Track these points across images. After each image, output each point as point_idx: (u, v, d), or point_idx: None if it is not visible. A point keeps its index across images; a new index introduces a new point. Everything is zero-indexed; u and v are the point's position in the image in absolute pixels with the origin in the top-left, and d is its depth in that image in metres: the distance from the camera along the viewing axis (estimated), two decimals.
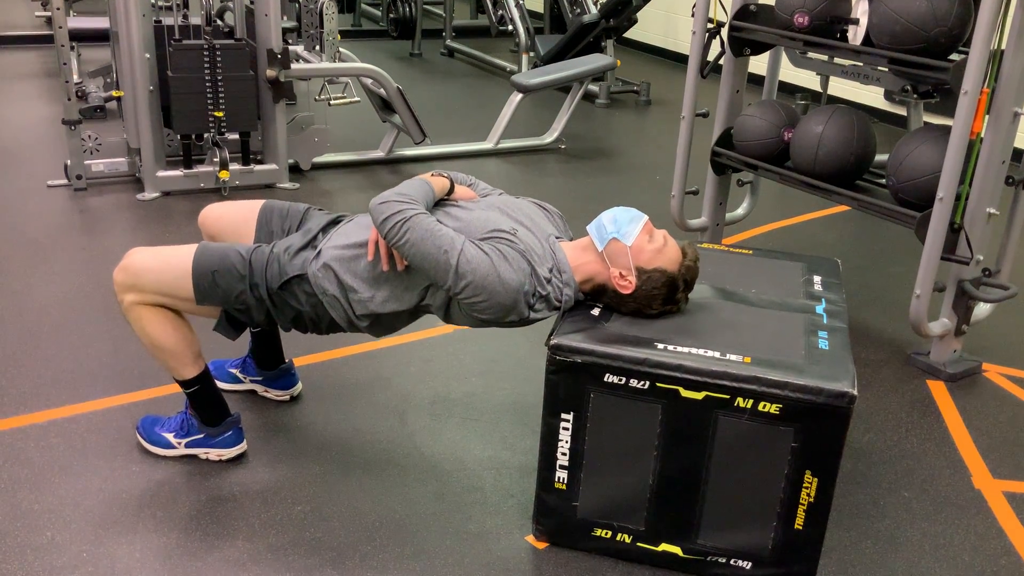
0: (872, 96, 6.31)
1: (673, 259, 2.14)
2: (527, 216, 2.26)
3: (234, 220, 2.51)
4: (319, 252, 2.25)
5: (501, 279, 2.03)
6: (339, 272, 2.21)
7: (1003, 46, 2.72)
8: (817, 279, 2.44)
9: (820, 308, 2.26)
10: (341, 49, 4.90)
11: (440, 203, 2.26)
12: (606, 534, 2.15)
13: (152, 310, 2.24)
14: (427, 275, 2.09)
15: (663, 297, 2.14)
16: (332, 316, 2.25)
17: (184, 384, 2.36)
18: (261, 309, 2.25)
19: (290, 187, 4.65)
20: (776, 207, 4.66)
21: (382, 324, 2.29)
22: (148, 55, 4.25)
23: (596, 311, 2.19)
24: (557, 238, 2.26)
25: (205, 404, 2.40)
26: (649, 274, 2.12)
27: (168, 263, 2.24)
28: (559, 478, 2.13)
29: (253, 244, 2.33)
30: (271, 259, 2.24)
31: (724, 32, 3.51)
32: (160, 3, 4.57)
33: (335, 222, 2.38)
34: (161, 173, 4.42)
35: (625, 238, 2.13)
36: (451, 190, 2.29)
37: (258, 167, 4.62)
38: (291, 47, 4.87)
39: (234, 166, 4.49)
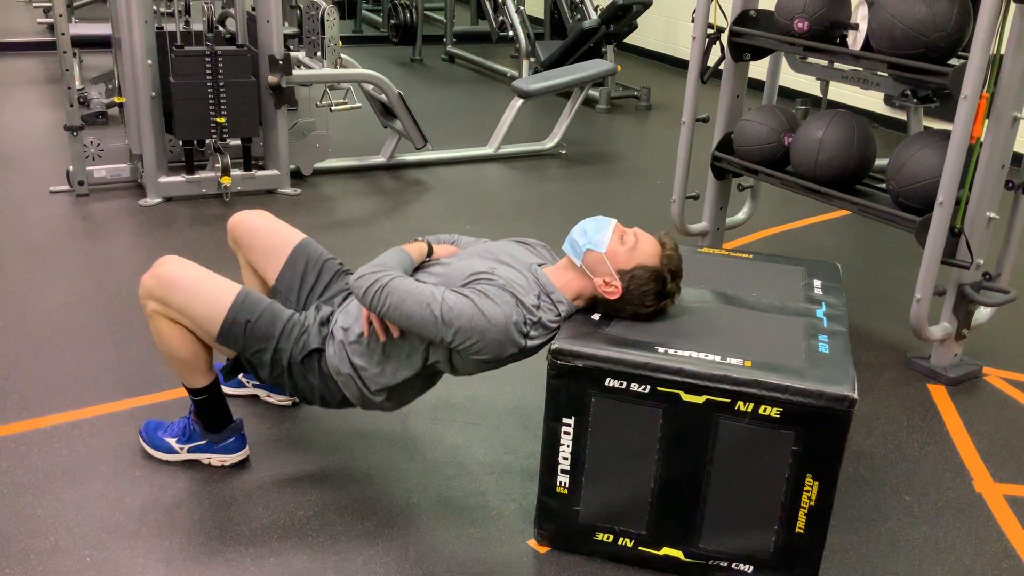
0: (872, 101, 6.32)
1: (651, 253, 2.16)
2: (506, 254, 2.29)
3: (267, 244, 2.52)
4: (332, 332, 2.29)
5: (487, 317, 2.05)
6: (349, 354, 2.24)
7: (1002, 51, 2.73)
8: (817, 283, 2.45)
9: (820, 312, 2.27)
10: (342, 55, 4.91)
11: (421, 265, 2.31)
12: (608, 538, 2.15)
13: (173, 324, 2.25)
14: (419, 335, 2.12)
15: (654, 292, 2.15)
16: (345, 394, 2.29)
17: (193, 392, 2.37)
18: (273, 372, 2.28)
19: (292, 192, 4.66)
20: (776, 211, 4.67)
21: (398, 396, 2.32)
22: (150, 61, 4.26)
23: (596, 316, 2.20)
24: (540, 265, 2.28)
25: (211, 412, 2.41)
26: (632, 273, 2.14)
27: (203, 293, 2.23)
28: (561, 482, 2.13)
29: (282, 299, 2.38)
30: (303, 331, 2.28)
31: (724, 37, 3.52)
32: (162, 9, 4.59)
33: (347, 298, 2.41)
34: (163, 179, 4.43)
35: (598, 246, 2.16)
36: (430, 252, 2.34)
37: (260, 173, 4.63)
38: (293, 53, 4.88)
39: (236, 172, 4.50)
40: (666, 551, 2.12)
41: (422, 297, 2.06)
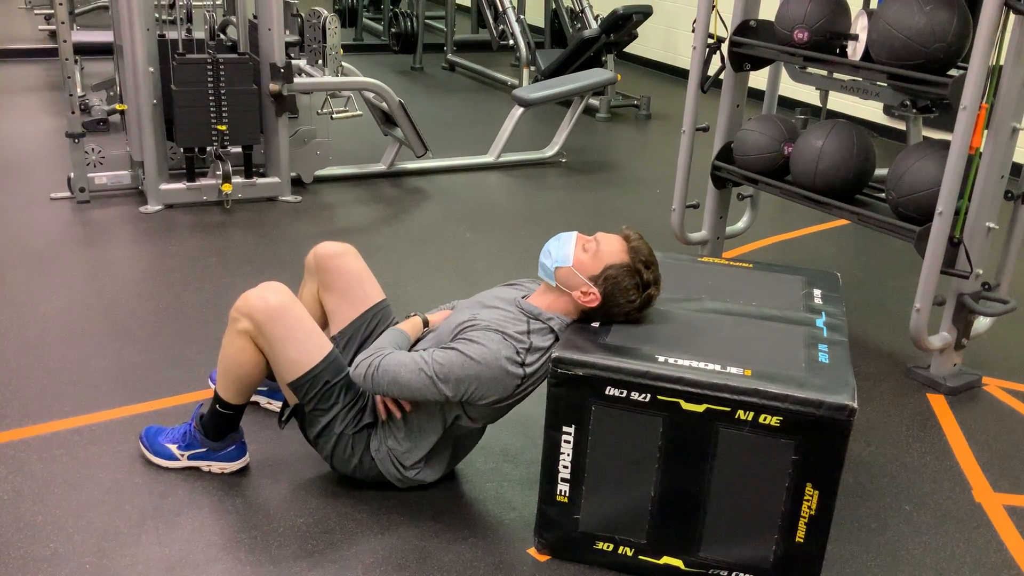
0: (871, 111, 6.34)
1: (615, 251, 2.19)
2: (492, 297, 2.33)
3: (347, 289, 2.52)
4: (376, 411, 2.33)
5: (475, 360, 2.09)
6: (384, 435, 2.31)
7: (1002, 62, 2.74)
8: (817, 292, 2.46)
9: (820, 321, 2.28)
10: (343, 63, 4.93)
11: (420, 339, 2.36)
12: (608, 547, 2.15)
13: (254, 347, 2.27)
14: (423, 399, 2.17)
15: (633, 286, 2.17)
16: (381, 471, 2.33)
17: (224, 405, 2.38)
18: (321, 434, 2.30)
19: (292, 200, 4.67)
20: (776, 221, 4.68)
21: (435, 463, 2.36)
22: (152, 69, 4.27)
23: (596, 324, 2.20)
24: (524, 297, 2.31)
25: (222, 425, 2.41)
26: (604, 275, 2.16)
27: (300, 338, 2.25)
28: (561, 491, 2.13)
29: (337, 346, 2.39)
30: (364, 405, 2.31)
31: (724, 47, 3.53)
32: (164, 17, 4.60)
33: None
34: (164, 186, 4.44)
35: (564, 261, 2.20)
36: (426, 323, 2.39)
37: (261, 180, 4.64)
38: (294, 61, 4.89)
39: (237, 179, 4.51)
40: (666, 560, 2.12)
41: (413, 364, 2.12)
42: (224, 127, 4.34)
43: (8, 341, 3.12)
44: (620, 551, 2.15)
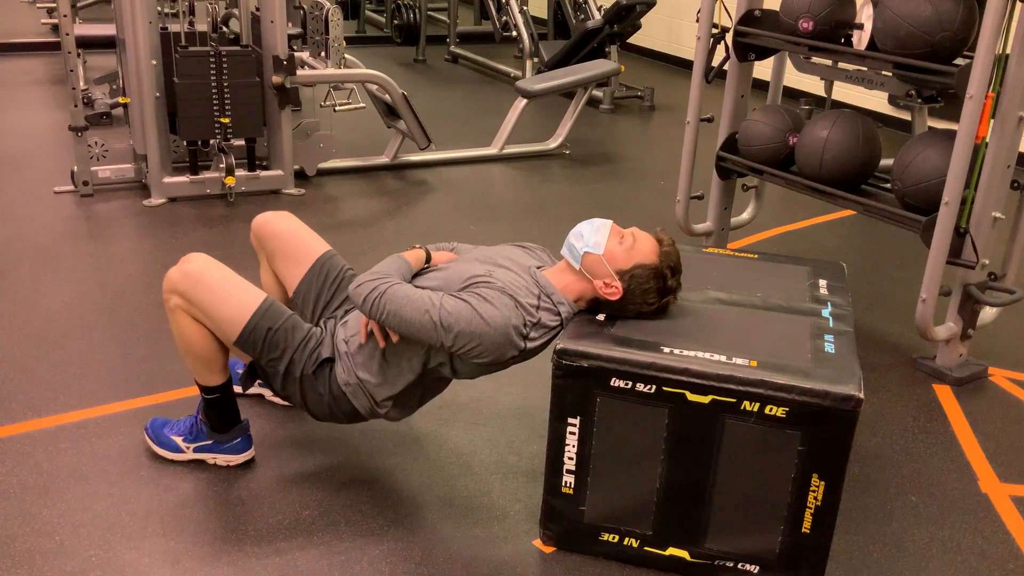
0: (876, 101, 6.31)
1: (648, 251, 2.16)
2: (504, 257, 2.29)
3: (290, 249, 2.51)
4: (336, 347, 2.30)
5: (485, 320, 2.05)
6: (355, 367, 2.26)
7: (1008, 51, 2.73)
8: (823, 283, 2.45)
9: (826, 312, 2.27)
10: (346, 55, 4.91)
11: (420, 272, 2.31)
12: (613, 538, 2.15)
13: (194, 320, 2.25)
14: (418, 339, 2.12)
15: (655, 289, 2.15)
16: (355, 406, 2.29)
17: (206, 390, 2.38)
18: (286, 383, 2.28)
19: (295, 193, 4.67)
20: (781, 212, 4.67)
21: (402, 404, 2.32)
22: (154, 62, 4.27)
23: (601, 316, 2.20)
24: (539, 267, 2.29)
25: (220, 411, 2.41)
26: (631, 273, 2.14)
27: (227, 296, 2.24)
28: (566, 482, 2.13)
29: (296, 309, 2.38)
30: (318, 343, 2.28)
31: (728, 37, 3.52)
32: (166, 10, 4.59)
33: (348, 309, 2.42)
34: (167, 179, 4.44)
35: (596, 248, 2.16)
36: (428, 259, 2.34)
37: (264, 173, 4.63)
38: (297, 53, 4.88)
39: (240, 172, 4.50)
40: (672, 551, 2.12)
41: (420, 303, 2.07)
42: (227, 120, 4.33)
43: (13, 334, 3.13)
44: (626, 542, 2.15)
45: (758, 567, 2.07)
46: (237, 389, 2.55)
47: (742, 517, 2.05)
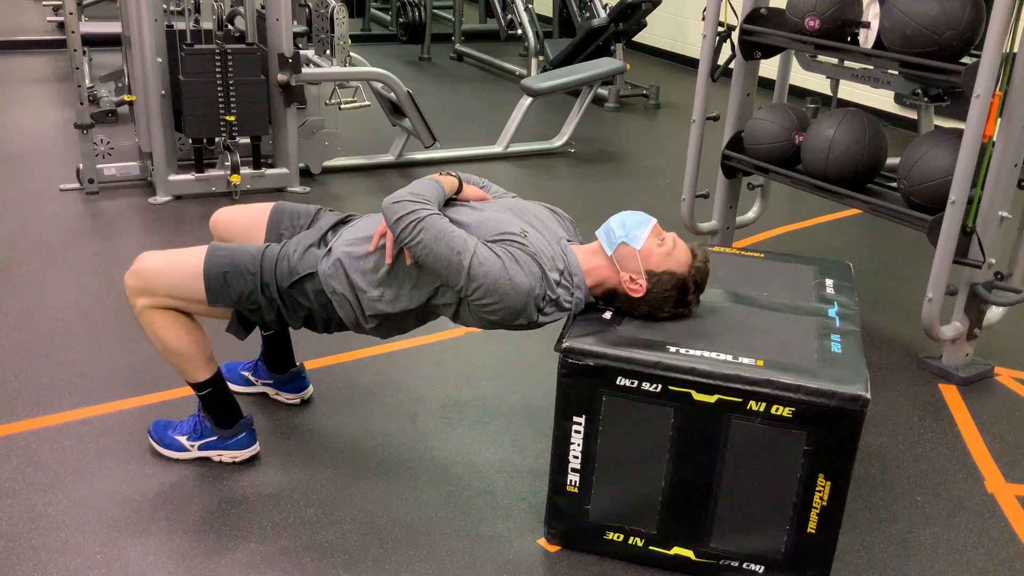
0: (883, 99, 6.30)
1: (683, 261, 2.14)
2: (538, 219, 2.26)
3: (245, 223, 2.52)
4: (329, 249, 2.25)
5: (512, 282, 2.02)
6: (348, 270, 2.20)
7: (1015, 49, 2.72)
8: (829, 282, 2.44)
9: (832, 311, 2.26)
10: (351, 53, 4.91)
11: (450, 202, 2.25)
12: (618, 537, 2.15)
13: (164, 314, 2.24)
14: (438, 276, 2.08)
15: (674, 300, 2.14)
16: (340, 315, 2.25)
17: (197, 387, 2.37)
18: (272, 309, 2.26)
19: (301, 191, 4.67)
20: (787, 210, 4.66)
21: (389, 325, 2.27)
22: (160, 59, 4.27)
23: (608, 314, 2.19)
24: (568, 241, 2.26)
25: (218, 406, 2.41)
26: (659, 277, 2.12)
27: (179, 265, 2.24)
28: (571, 481, 2.13)
29: (263, 244, 2.33)
30: (281, 257, 2.25)
31: (734, 36, 3.51)
32: (172, 8, 4.59)
33: (345, 221, 2.39)
34: (173, 177, 4.44)
35: (634, 242, 2.13)
36: (459, 189, 2.28)
37: (269, 171, 4.63)
38: (302, 51, 4.88)
39: (245, 170, 4.50)
40: (677, 551, 2.12)
41: (455, 243, 2.01)
42: (232, 118, 4.33)
43: (18, 332, 3.13)
44: (631, 541, 2.14)
45: (763, 567, 2.07)
46: (237, 388, 2.55)
47: (747, 517, 2.04)
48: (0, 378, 2.84)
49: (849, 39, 3.18)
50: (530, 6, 7.12)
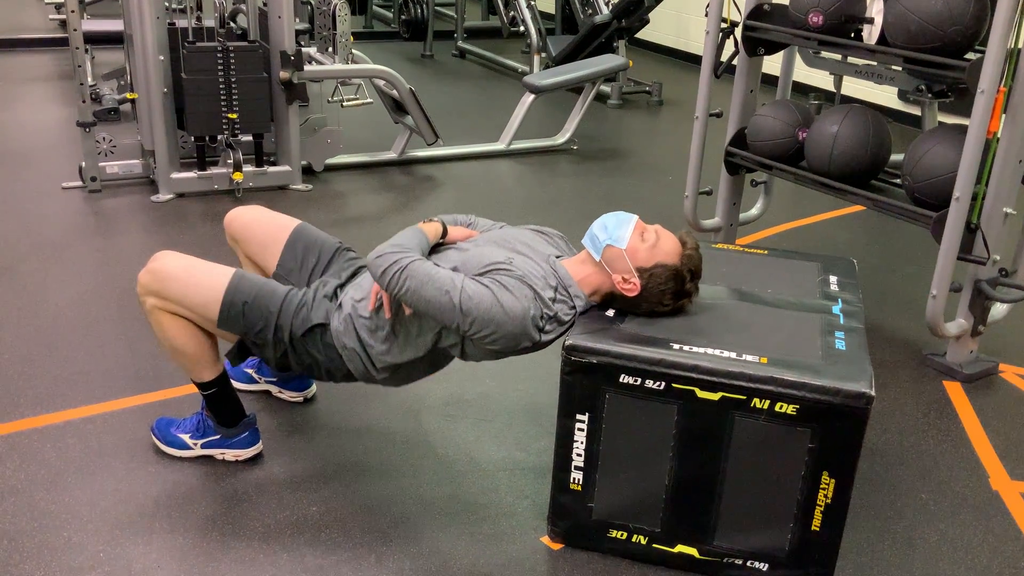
0: (886, 96, 6.28)
1: (671, 251, 2.14)
2: (524, 244, 2.27)
3: (263, 233, 2.51)
4: (340, 304, 2.27)
5: (505, 309, 2.03)
6: (357, 327, 2.23)
7: (1020, 45, 2.71)
8: (833, 279, 2.43)
9: (836, 308, 2.25)
10: (354, 51, 4.91)
11: (436, 247, 2.28)
12: (622, 535, 2.14)
13: (173, 316, 2.24)
14: (434, 319, 2.10)
15: (672, 291, 2.13)
16: (349, 368, 2.27)
17: (202, 386, 2.37)
18: (277, 349, 2.27)
19: (303, 188, 4.66)
20: (790, 207, 4.65)
21: (401, 374, 2.30)
22: (162, 57, 4.27)
23: (611, 312, 2.19)
24: (558, 257, 2.26)
25: (222, 405, 2.41)
26: (651, 271, 2.12)
27: (198, 280, 2.24)
28: (574, 479, 2.12)
29: (284, 283, 2.36)
30: (300, 305, 2.27)
31: (738, 32, 3.50)
32: (174, 5, 4.58)
33: (356, 273, 2.40)
34: (175, 175, 4.44)
35: (619, 242, 2.14)
36: (444, 233, 2.31)
37: (271, 168, 4.63)
38: (304, 49, 4.87)
39: (248, 168, 4.50)
40: (680, 549, 2.11)
41: (442, 283, 2.03)
42: (235, 115, 4.33)
43: (21, 330, 3.13)
44: (634, 539, 2.14)
45: (767, 565, 2.07)
46: (239, 386, 2.55)
47: (751, 515, 2.04)
48: (3, 376, 2.84)
49: (853, 35, 3.17)
50: (532, 3, 7.11)
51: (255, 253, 2.53)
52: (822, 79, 4.73)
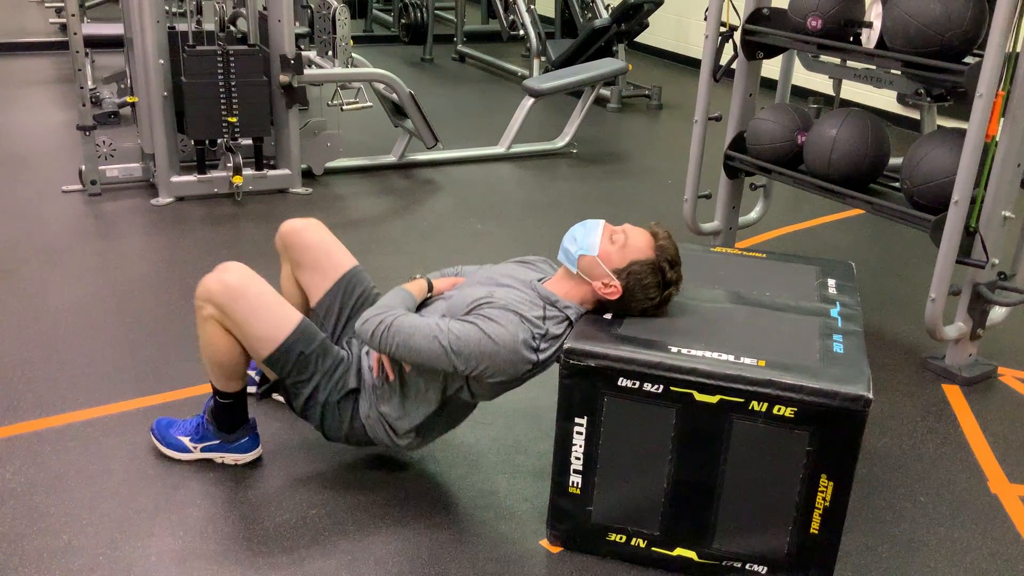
0: (885, 99, 6.29)
1: (643, 247, 2.16)
2: (506, 276, 2.29)
3: (316, 262, 2.49)
4: (360, 374, 2.31)
5: (493, 339, 2.05)
6: (375, 399, 2.27)
7: (1018, 48, 2.71)
8: (831, 282, 2.44)
9: (835, 311, 2.26)
10: (353, 54, 4.91)
11: (424, 303, 2.31)
12: (621, 538, 2.15)
13: (225, 332, 2.25)
14: (431, 367, 2.13)
15: (655, 284, 2.15)
16: (370, 436, 2.31)
17: (221, 395, 2.38)
18: (307, 404, 2.29)
19: (303, 192, 4.67)
20: (789, 211, 4.65)
21: (424, 433, 2.32)
22: (162, 61, 4.27)
23: (608, 315, 2.19)
24: (540, 279, 2.29)
25: (230, 415, 2.41)
26: (628, 270, 2.14)
27: (265, 315, 2.23)
28: (573, 482, 2.13)
29: (317, 320, 2.39)
30: (346, 370, 2.29)
31: (737, 36, 3.51)
32: (174, 9, 4.59)
33: None
34: (175, 178, 4.44)
35: (590, 249, 2.16)
36: (431, 288, 2.34)
37: (271, 172, 4.63)
38: (304, 53, 4.88)
39: (247, 171, 4.51)
40: (679, 552, 2.11)
41: (428, 331, 2.07)
42: (235, 119, 4.34)
43: (21, 333, 3.13)
44: (633, 542, 2.14)
45: (766, 568, 2.07)
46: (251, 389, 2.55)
47: (750, 518, 2.04)
48: (3, 379, 2.85)
49: (851, 39, 3.18)
50: (532, 7, 7.12)
51: (303, 275, 2.52)
52: (821, 83, 4.74)
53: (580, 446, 2.09)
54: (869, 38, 3.08)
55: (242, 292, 2.21)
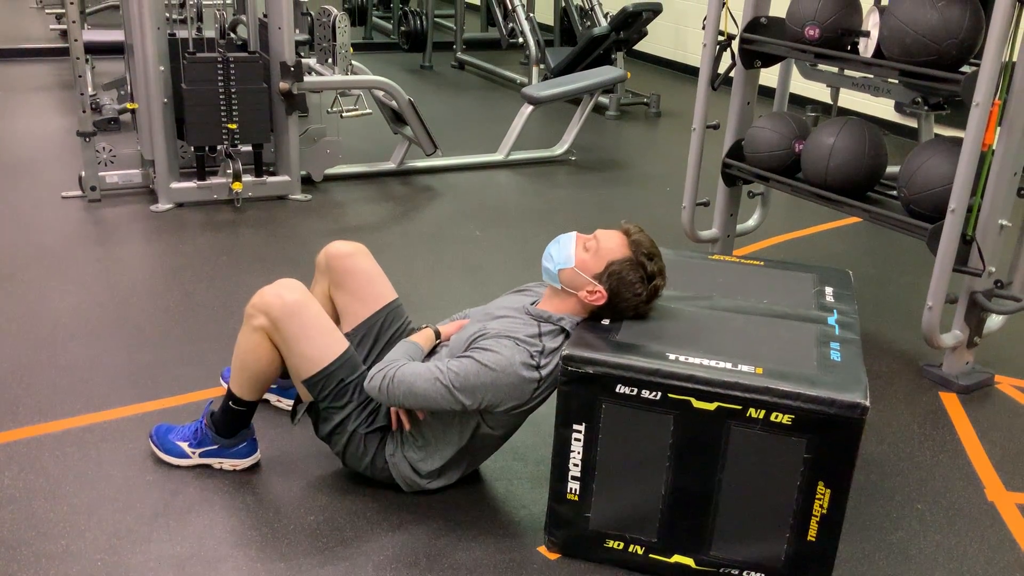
0: (882, 108, 6.31)
1: (616, 247, 2.19)
2: (501, 308, 2.32)
3: (358, 289, 2.51)
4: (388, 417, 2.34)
5: (491, 368, 2.09)
6: (401, 443, 2.32)
7: (1015, 58, 2.73)
8: (829, 290, 2.45)
9: (832, 319, 2.27)
10: (353, 62, 4.93)
11: (433, 350, 2.35)
12: (618, 545, 2.15)
13: (270, 344, 2.26)
14: (440, 408, 2.16)
15: (639, 279, 2.17)
16: (392, 475, 2.34)
17: (236, 401, 2.38)
18: (334, 431, 2.31)
19: (302, 198, 4.68)
20: (787, 219, 4.67)
21: (448, 473, 2.36)
22: (162, 68, 4.29)
23: (606, 322, 2.20)
24: (533, 302, 2.32)
25: (236, 423, 2.42)
26: (608, 272, 2.17)
27: (316, 337, 2.25)
28: (571, 489, 2.13)
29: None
30: (378, 404, 2.31)
31: (735, 44, 3.52)
32: (174, 16, 4.60)
33: None
34: (175, 185, 4.45)
35: (567, 262, 2.20)
36: (438, 335, 2.37)
37: (271, 179, 4.64)
38: (304, 60, 4.90)
39: (247, 178, 4.52)
40: (677, 559, 2.12)
41: (428, 374, 2.12)
42: (234, 126, 4.35)
43: (20, 339, 3.14)
44: (631, 549, 2.14)
45: (763, 575, 2.07)
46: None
47: (747, 525, 2.05)
48: (2, 385, 2.85)
49: (849, 48, 3.19)
50: (531, 15, 7.14)
51: (340, 297, 2.53)
52: (819, 91, 4.76)
53: (578, 453, 2.09)
54: (867, 47, 3.09)
55: (298, 311, 2.24)
